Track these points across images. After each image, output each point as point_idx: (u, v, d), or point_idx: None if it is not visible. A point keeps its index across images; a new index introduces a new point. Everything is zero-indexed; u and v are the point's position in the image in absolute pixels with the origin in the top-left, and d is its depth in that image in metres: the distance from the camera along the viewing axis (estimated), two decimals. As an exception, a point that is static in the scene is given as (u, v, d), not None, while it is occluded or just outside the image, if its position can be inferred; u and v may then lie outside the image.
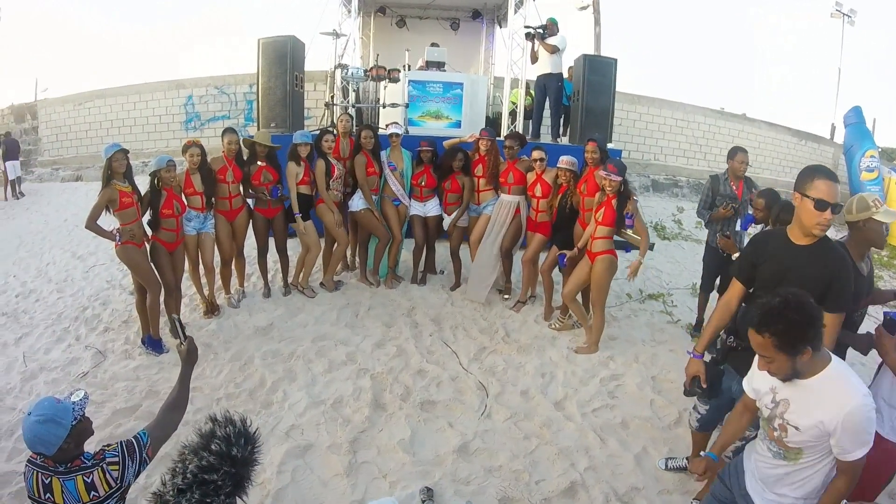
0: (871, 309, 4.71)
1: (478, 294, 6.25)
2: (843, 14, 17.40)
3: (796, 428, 2.12)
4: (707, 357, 3.60)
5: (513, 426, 4.21)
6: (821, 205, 2.46)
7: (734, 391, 2.99)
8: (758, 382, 2.34)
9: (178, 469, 1.77)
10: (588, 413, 4.42)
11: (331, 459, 3.75)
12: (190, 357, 2.48)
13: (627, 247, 6.68)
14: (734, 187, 5.47)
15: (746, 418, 2.57)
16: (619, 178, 4.84)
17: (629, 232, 4.97)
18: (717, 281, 5.59)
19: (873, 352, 3.00)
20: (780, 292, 2.03)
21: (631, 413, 4.45)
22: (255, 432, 1.91)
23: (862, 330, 3.41)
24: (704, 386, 3.07)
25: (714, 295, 5.82)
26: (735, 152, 5.53)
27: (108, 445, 2.13)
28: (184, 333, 2.51)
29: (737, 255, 4.65)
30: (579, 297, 5.49)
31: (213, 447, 1.78)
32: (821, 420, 2.03)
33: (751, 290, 2.94)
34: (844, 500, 1.89)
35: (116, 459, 2.07)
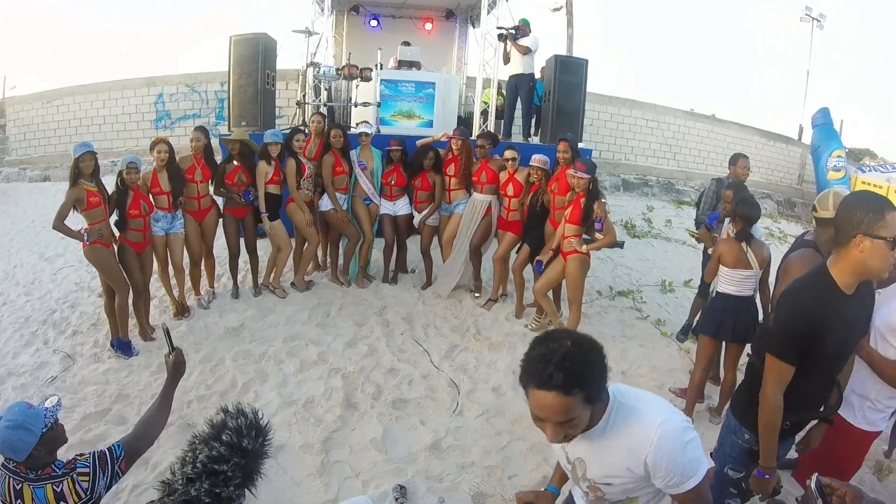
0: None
1: (442, 288, 6.35)
2: (813, 18, 17.71)
3: (608, 484, 1.79)
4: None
5: (485, 423, 4.26)
6: (895, 243, 2.08)
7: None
8: (557, 449, 1.94)
9: (188, 458, 1.76)
10: (559, 409, 4.48)
11: (303, 459, 3.76)
12: (177, 369, 2.43)
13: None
14: None
15: None
16: (588, 177, 4.91)
17: (598, 235, 5.03)
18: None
19: None
20: (551, 338, 1.59)
21: (601, 407, 4.52)
22: (266, 425, 1.91)
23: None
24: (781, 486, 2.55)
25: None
26: (737, 158, 5.69)
27: (81, 455, 2.11)
28: (172, 344, 2.43)
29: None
30: (550, 294, 5.56)
31: (224, 438, 1.76)
32: (627, 468, 1.70)
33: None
34: (816, 475, 1.82)
35: (87, 470, 2.05)
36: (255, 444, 1.82)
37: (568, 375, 1.49)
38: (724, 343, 4.38)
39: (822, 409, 2.54)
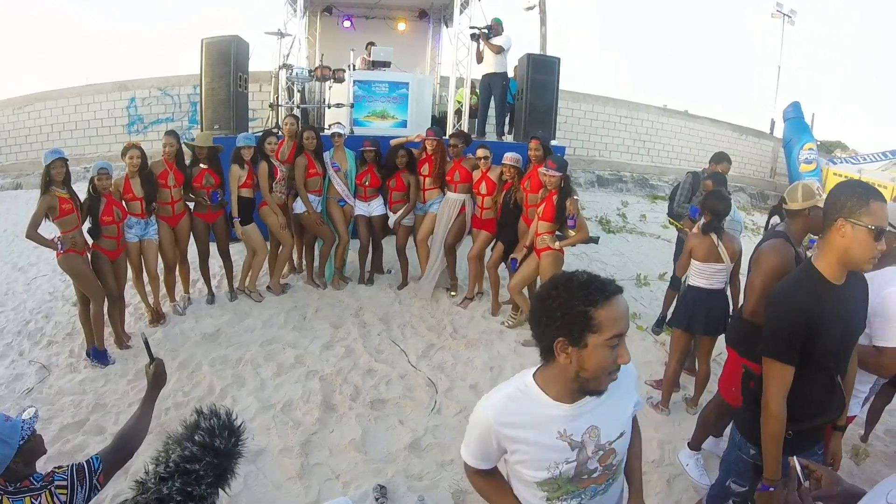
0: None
1: (423, 290, 6.40)
2: (784, 14, 17.99)
3: (622, 435, 1.78)
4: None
5: (463, 420, 4.26)
6: (879, 233, 2.02)
7: None
8: (546, 453, 1.73)
9: (161, 458, 1.77)
10: (537, 403, 4.53)
11: (283, 463, 3.76)
12: (157, 380, 2.40)
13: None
14: None
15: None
16: (559, 174, 4.97)
17: (571, 231, 5.10)
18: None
19: None
20: (564, 276, 1.67)
21: (578, 402, 4.58)
22: (239, 426, 1.91)
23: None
24: None
25: None
26: (721, 158, 5.73)
27: (60, 467, 2.09)
28: (151, 354, 2.41)
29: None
30: (525, 291, 5.62)
31: (196, 438, 1.78)
32: (635, 403, 1.84)
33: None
34: (795, 457, 1.73)
35: (65, 483, 2.03)
36: (227, 444, 1.83)
37: (610, 284, 1.60)
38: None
39: (826, 414, 2.38)
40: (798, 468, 1.65)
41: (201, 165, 5.75)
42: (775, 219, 4.07)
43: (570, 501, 1.80)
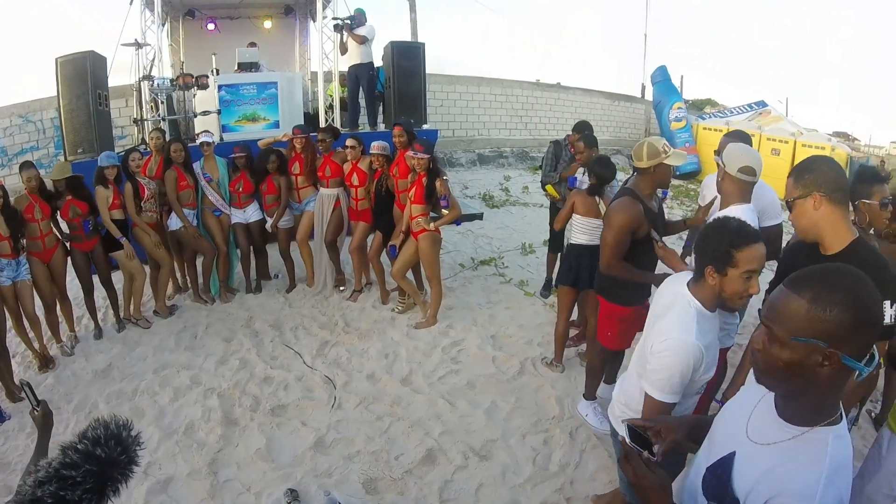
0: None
1: (322, 290, 6.45)
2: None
3: None
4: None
5: (364, 410, 4.37)
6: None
7: None
8: (716, 351, 2.28)
9: (43, 464, 1.76)
10: (435, 382, 4.68)
11: (193, 486, 3.71)
12: (46, 423, 2.36)
13: (458, 220, 6.97)
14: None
15: None
16: (427, 156, 5.10)
17: (445, 211, 5.24)
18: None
19: None
20: (723, 219, 2.17)
21: (475, 373, 4.77)
22: (128, 435, 1.87)
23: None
24: None
25: None
26: (582, 128, 5.83)
27: None
28: (35, 398, 2.36)
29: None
30: (411, 276, 5.74)
31: (79, 446, 1.77)
32: None
33: None
34: (625, 424, 1.79)
35: None
36: (110, 453, 1.84)
37: None
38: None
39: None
40: (628, 440, 1.68)
41: (66, 197, 5.46)
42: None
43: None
